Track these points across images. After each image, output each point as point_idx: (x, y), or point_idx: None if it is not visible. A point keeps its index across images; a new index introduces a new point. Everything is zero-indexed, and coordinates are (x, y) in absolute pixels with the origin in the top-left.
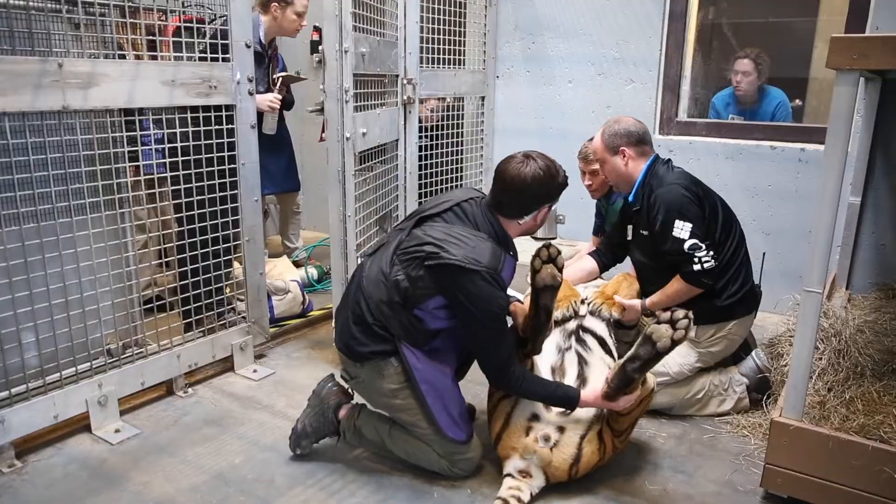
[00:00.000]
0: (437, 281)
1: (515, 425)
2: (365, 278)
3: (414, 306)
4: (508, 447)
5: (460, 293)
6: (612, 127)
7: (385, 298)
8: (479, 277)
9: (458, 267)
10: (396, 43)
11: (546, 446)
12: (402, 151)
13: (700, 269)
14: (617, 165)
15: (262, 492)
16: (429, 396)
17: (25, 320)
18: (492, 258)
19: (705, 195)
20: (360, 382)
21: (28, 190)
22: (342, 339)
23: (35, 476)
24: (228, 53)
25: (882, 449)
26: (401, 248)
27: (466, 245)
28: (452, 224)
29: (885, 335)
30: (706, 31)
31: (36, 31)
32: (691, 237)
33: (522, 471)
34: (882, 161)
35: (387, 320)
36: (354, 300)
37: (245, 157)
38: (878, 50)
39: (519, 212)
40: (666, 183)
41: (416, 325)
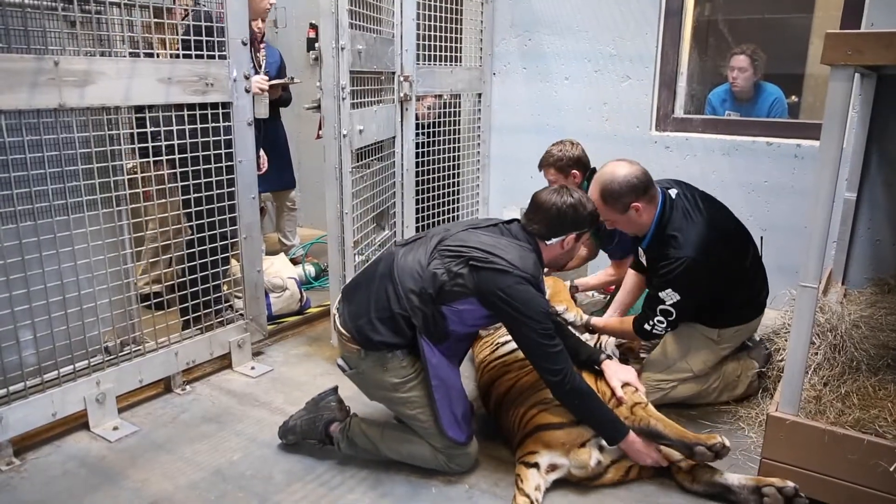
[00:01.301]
0: (478, 283)
1: (573, 429)
2: (398, 267)
3: (444, 303)
4: (557, 441)
5: (506, 297)
6: (610, 186)
7: (416, 289)
8: (525, 282)
9: (504, 271)
10: (393, 40)
11: (597, 469)
12: (399, 148)
13: (649, 328)
14: (631, 219)
15: (260, 488)
16: (437, 392)
17: (23, 318)
18: (535, 268)
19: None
20: (359, 373)
21: (25, 188)
22: (355, 321)
23: (34, 474)
24: (225, 50)
25: (877, 443)
26: (443, 244)
27: (513, 253)
28: (499, 236)
29: (880, 330)
30: (702, 27)
31: (32, 28)
32: (672, 306)
33: (554, 466)
34: (877, 157)
35: (413, 311)
36: (381, 287)
37: (242, 154)
38: (872, 46)
39: (547, 232)
40: (685, 245)
41: (439, 322)
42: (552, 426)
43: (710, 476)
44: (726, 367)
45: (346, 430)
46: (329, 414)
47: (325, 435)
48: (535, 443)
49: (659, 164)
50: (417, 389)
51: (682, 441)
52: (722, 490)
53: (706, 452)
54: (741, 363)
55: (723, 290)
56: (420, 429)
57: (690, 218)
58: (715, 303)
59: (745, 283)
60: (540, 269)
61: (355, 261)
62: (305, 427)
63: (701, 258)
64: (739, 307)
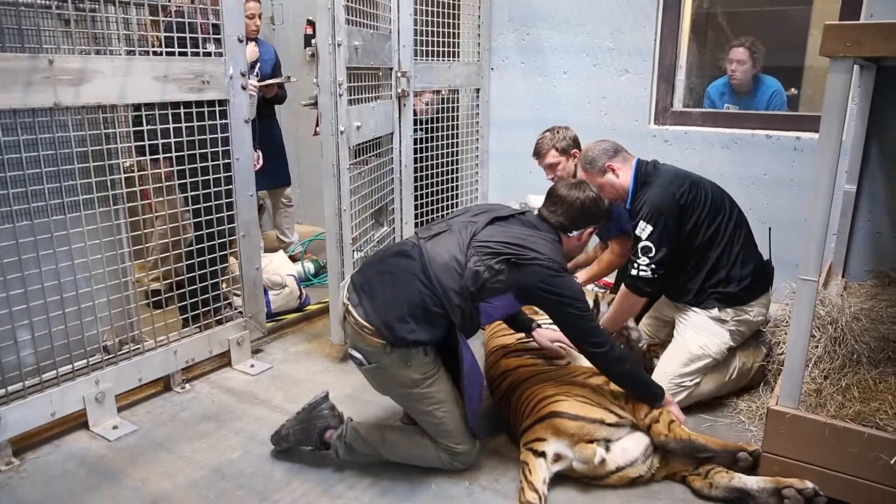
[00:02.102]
0: (519, 279)
1: (587, 424)
2: (433, 263)
3: (483, 299)
4: (567, 431)
5: (547, 286)
6: (586, 156)
7: (457, 287)
8: (559, 271)
9: (542, 265)
10: (390, 36)
11: (599, 468)
12: (397, 144)
13: (636, 274)
14: (611, 182)
15: (260, 486)
16: (469, 389)
17: (21, 318)
18: (562, 258)
19: (691, 192)
20: (380, 368)
21: (21, 187)
22: (383, 316)
23: (33, 473)
24: (221, 48)
25: (878, 436)
26: (478, 240)
27: (544, 246)
28: (526, 229)
29: (880, 322)
30: (701, 20)
31: (26, 27)
32: (647, 239)
33: (559, 456)
34: (877, 149)
35: (451, 309)
36: (411, 283)
37: (239, 151)
38: (871, 37)
39: (571, 225)
40: (654, 183)
41: (475, 317)
42: (567, 416)
43: (727, 480)
44: (740, 357)
45: (344, 436)
46: (322, 422)
47: (321, 443)
48: (545, 429)
49: (658, 157)
50: (437, 385)
51: (726, 450)
52: (741, 494)
53: (748, 458)
54: (752, 351)
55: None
56: (430, 425)
57: (662, 169)
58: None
59: (730, 251)
60: (565, 260)
61: (354, 257)
62: (299, 436)
63: (665, 189)
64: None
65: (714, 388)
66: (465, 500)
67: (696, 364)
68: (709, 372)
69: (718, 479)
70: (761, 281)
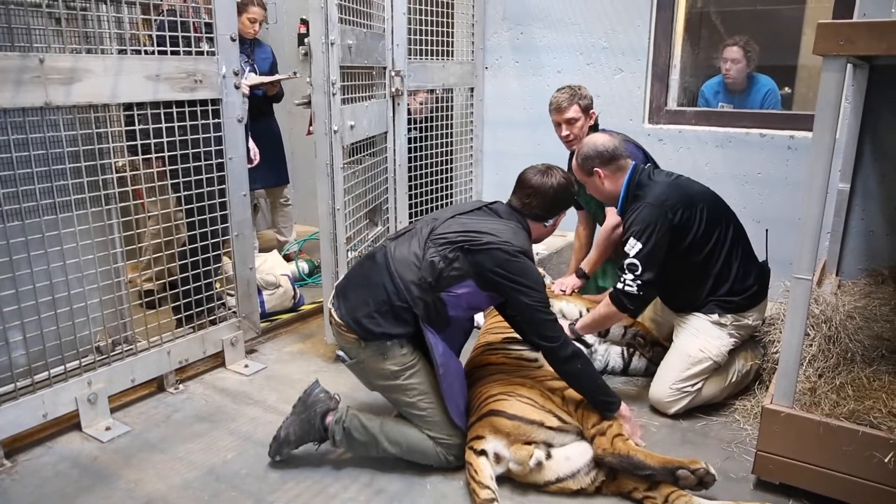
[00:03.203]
0: (474, 264)
1: (524, 426)
2: (394, 260)
3: (443, 289)
4: (503, 430)
5: (503, 271)
6: (582, 150)
7: (416, 280)
8: (519, 255)
9: (498, 248)
10: (384, 35)
11: (536, 472)
12: (391, 144)
13: (621, 288)
14: (596, 185)
15: (254, 487)
16: (444, 381)
17: (12, 319)
18: (526, 243)
19: (686, 211)
20: (359, 363)
21: (12, 188)
22: (353, 314)
23: (25, 476)
24: (214, 46)
25: (872, 434)
26: (436, 233)
27: (505, 232)
28: (488, 217)
29: (874, 321)
30: (694, 19)
31: (16, 26)
32: (634, 256)
33: (498, 457)
34: (870, 147)
35: (414, 302)
36: (377, 282)
37: (232, 151)
38: (864, 36)
39: (544, 214)
40: (645, 199)
41: (440, 308)
42: (505, 415)
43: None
44: (739, 360)
45: (343, 421)
46: (321, 406)
47: (323, 429)
48: (483, 427)
49: (652, 156)
50: (417, 376)
51: (665, 468)
52: None
53: (689, 476)
54: (750, 353)
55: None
56: (418, 418)
57: (655, 179)
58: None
59: (730, 266)
60: (530, 244)
61: (348, 257)
62: (301, 431)
63: (658, 208)
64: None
65: (716, 392)
66: (461, 500)
67: (698, 367)
68: (710, 376)
69: (675, 500)
70: (761, 288)
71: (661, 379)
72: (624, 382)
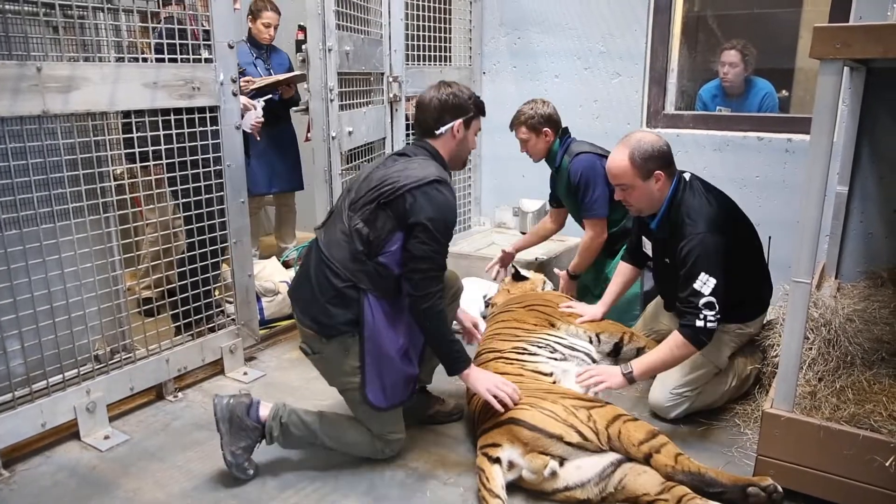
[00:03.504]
0: (395, 216)
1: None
2: (326, 246)
3: (378, 252)
4: (522, 439)
5: (416, 209)
6: (641, 147)
7: (348, 254)
8: (433, 187)
9: (410, 188)
10: (381, 41)
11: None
12: (389, 150)
13: (703, 325)
14: (650, 190)
15: (254, 495)
16: (368, 355)
17: (10, 328)
18: (439, 171)
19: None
20: (322, 358)
21: (9, 196)
22: (308, 314)
23: (23, 485)
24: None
25: (872, 438)
26: (353, 200)
27: (413, 169)
28: (396, 163)
29: (874, 323)
30: (691, 23)
31: (13, 34)
32: (711, 294)
33: (512, 465)
34: (868, 150)
35: (355, 276)
36: (319, 273)
37: (230, 158)
38: (860, 39)
39: (435, 124)
40: (699, 224)
41: (383, 273)
42: (525, 425)
43: None
44: (738, 363)
45: (280, 416)
46: (240, 408)
47: (260, 424)
48: (501, 434)
49: None
50: None
51: (737, 485)
52: None
53: (760, 493)
54: (749, 357)
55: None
56: (364, 412)
57: (703, 198)
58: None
59: (755, 276)
60: (445, 170)
61: None
62: (243, 442)
63: (717, 236)
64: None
65: (716, 397)
66: None
67: (698, 372)
68: (710, 381)
69: None
70: (767, 298)
71: (661, 384)
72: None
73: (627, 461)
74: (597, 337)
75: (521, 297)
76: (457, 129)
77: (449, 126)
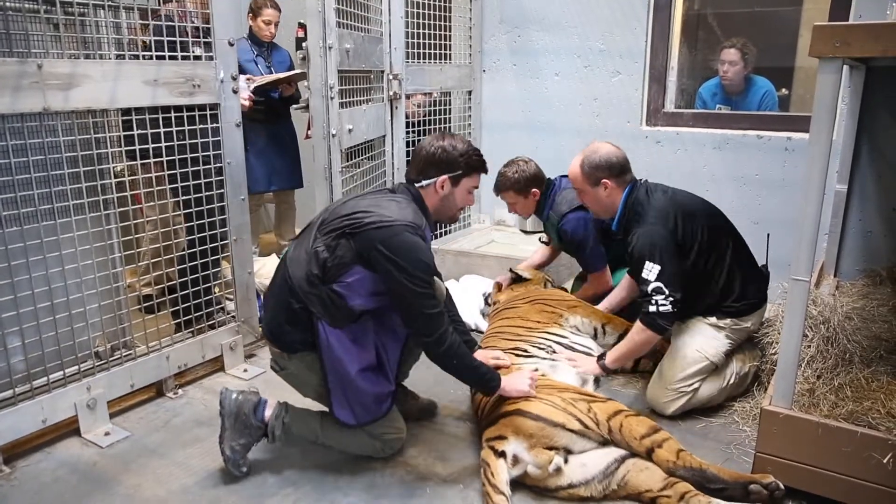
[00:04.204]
0: (357, 247)
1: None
2: (289, 262)
3: (333, 280)
4: (527, 431)
5: (384, 249)
6: (591, 157)
7: (304, 275)
8: (403, 230)
9: (380, 226)
10: (381, 38)
11: (554, 477)
12: (389, 147)
13: (655, 310)
14: (599, 196)
15: (254, 492)
16: (330, 374)
17: (10, 325)
18: (415, 216)
19: (686, 226)
20: (290, 374)
21: (10, 193)
22: (269, 327)
23: (24, 481)
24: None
25: (871, 435)
26: (325, 223)
27: (390, 207)
28: (377, 197)
29: (872, 321)
30: (691, 21)
31: (14, 31)
32: (657, 279)
33: (517, 459)
34: (868, 148)
35: (307, 298)
36: (281, 288)
37: (231, 155)
38: (860, 37)
39: (418, 175)
40: (646, 219)
41: (337, 301)
42: (530, 415)
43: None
44: (737, 361)
45: (283, 416)
46: (248, 404)
47: (261, 424)
48: (506, 426)
49: (650, 158)
50: None
51: (738, 482)
52: None
53: (762, 491)
54: (748, 355)
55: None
56: None
57: (653, 196)
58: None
59: (734, 279)
60: (422, 218)
61: None
62: (244, 439)
63: (662, 227)
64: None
65: (714, 394)
66: (460, 503)
67: (694, 368)
68: (707, 377)
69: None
70: (761, 293)
71: (658, 380)
72: (623, 384)
73: (631, 457)
74: (602, 327)
75: (525, 293)
76: (440, 184)
77: (431, 181)
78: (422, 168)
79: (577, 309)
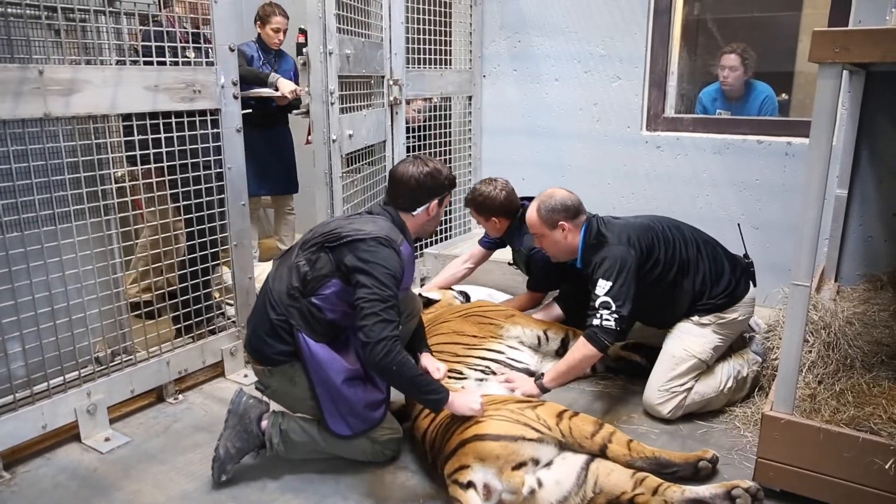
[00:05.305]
0: (335, 260)
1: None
2: (273, 277)
3: (312, 293)
4: (492, 454)
5: (358, 259)
6: (547, 202)
7: (284, 288)
8: (376, 242)
9: (357, 239)
10: (382, 44)
11: (529, 500)
12: (389, 153)
13: (598, 324)
14: (556, 239)
15: (254, 497)
16: (319, 387)
17: (11, 330)
18: (392, 232)
19: (644, 235)
20: (275, 392)
21: (11, 199)
22: (251, 342)
23: (24, 487)
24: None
25: (872, 440)
26: (307, 240)
27: (369, 225)
28: (359, 217)
29: (873, 326)
30: (691, 26)
31: (15, 37)
32: (606, 295)
33: (488, 489)
34: (868, 153)
35: (287, 311)
36: (262, 302)
37: (231, 161)
38: (859, 43)
39: (412, 204)
40: (609, 241)
41: (316, 314)
42: (489, 437)
43: (680, 494)
44: (731, 365)
45: (280, 423)
46: (255, 411)
47: (261, 434)
48: (467, 455)
49: (650, 163)
50: None
51: (689, 462)
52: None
53: (708, 466)
54: (745, 358)
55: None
56: None
57: (609, 224)
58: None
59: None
60: (398, 234)
61: None
62: (241, 443)
63: (622, 246)
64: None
65: (710, 394)
66: None
67: (683, 367)
68: (700, 378)
69: (671, 495)
70: (741, 284)
71: (650, 383)
72: (621, 389)
73: (592, 459)
74: (545, 333)
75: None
76: (432, 208)
77: (425, 206)
78: (415, 197)
79: (515, 318)
